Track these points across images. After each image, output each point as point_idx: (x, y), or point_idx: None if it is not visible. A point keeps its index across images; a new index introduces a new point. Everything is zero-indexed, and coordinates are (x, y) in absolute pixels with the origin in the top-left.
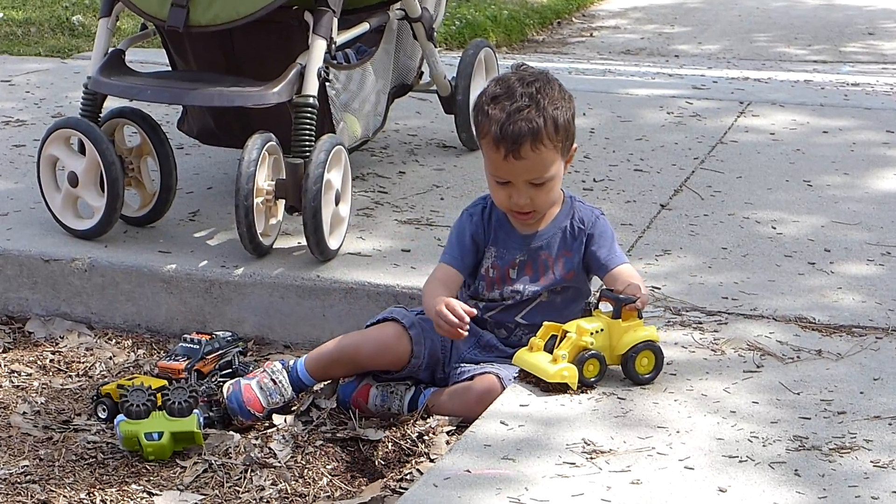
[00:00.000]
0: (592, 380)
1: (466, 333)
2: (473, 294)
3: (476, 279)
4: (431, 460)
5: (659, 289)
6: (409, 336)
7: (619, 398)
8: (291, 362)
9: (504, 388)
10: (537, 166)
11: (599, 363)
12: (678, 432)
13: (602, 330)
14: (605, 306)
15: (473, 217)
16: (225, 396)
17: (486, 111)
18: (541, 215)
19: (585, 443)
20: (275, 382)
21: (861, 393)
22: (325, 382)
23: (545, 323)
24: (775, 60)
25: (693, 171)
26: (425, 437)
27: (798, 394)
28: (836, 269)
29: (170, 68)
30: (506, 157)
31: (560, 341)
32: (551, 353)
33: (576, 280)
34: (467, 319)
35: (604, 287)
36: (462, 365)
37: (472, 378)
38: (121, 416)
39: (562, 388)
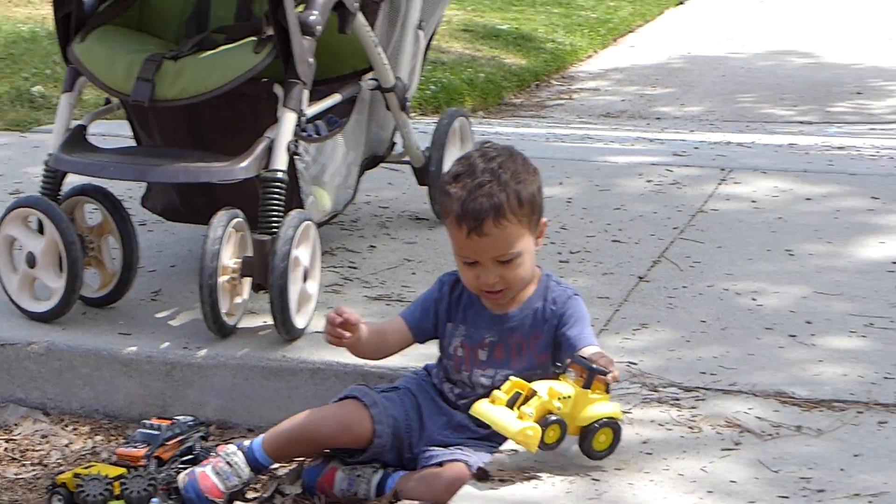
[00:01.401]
0: (552, 445)
1: (347, 338)
2: (446, 376)
3: (445, 358)
4: None
5: (636, 364)
6: (371, 415)
7: (592, 479)
8: (247, 443)
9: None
10: (502, 243)
11: (561, 430)
12: None
13: (570, 397)
14: (573, 374)
15: (444, 287)
16: (181, 487)
17: (448, 191)
18: (514, 294)
19: None
20: (230, 465)
21: (841, 470)
22: (290, 467)
23: (511, 378)
24: (760, 122)
25: (672, 242)
26: None
27: (777, 472)
28: (818, 342)
29: (134, 143)
30: (468, 235)
31: (525, 399)
32: (512, 408)
33: (549, 364)
34: (347, 330)
35: (576, 353)
36: (431, 449)
37: (440, 464)
38: None
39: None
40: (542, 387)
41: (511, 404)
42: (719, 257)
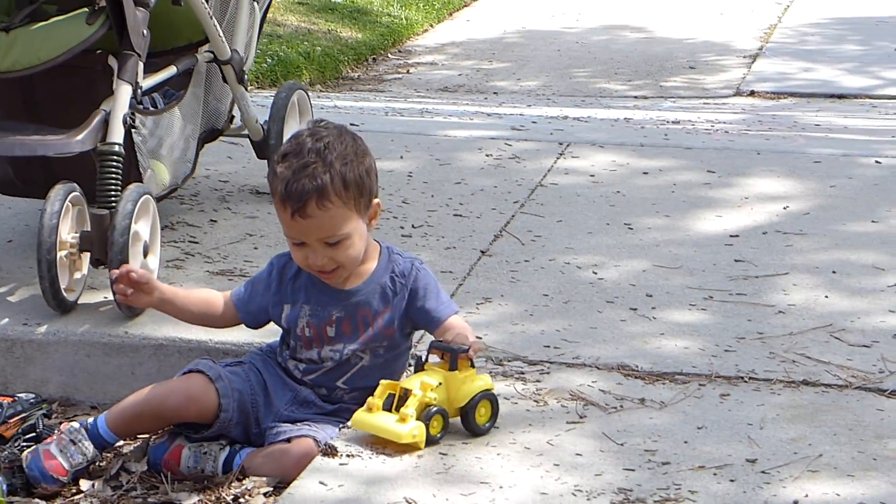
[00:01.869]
0: (437, 436)
1: (131, 294)
2: (292, 355)
3: (292, 339)
4: None
5: (480, 338)
6: (216, 388)
7: (441, 454)
8: (91, 420)
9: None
10: (327, 225)
11: (443, 418)
12: (501, 487)
13: (441, 384)
14: (435, 358)
15: (273, 270)
16: (25, 465)
17: (275, 170)
18: (348, 273)
19: (407, 501)
20: (74, 443)
21: (685, 442)
22: (135, 444)
23: (381, 381)
24: (595, 97)
25: (513, 216)
26: (241, 500)
27: (622, 444)
28: (659, 315)
29: None
30: (293, 217)
31: (400, 399)
32: (390, 411)
33: (396, 337)
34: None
35: (433, 340)
36: (279, 425)
37: (288, 440)
38: None
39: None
40: (413, 383)
41: (388, 408)
42: (560, 231)
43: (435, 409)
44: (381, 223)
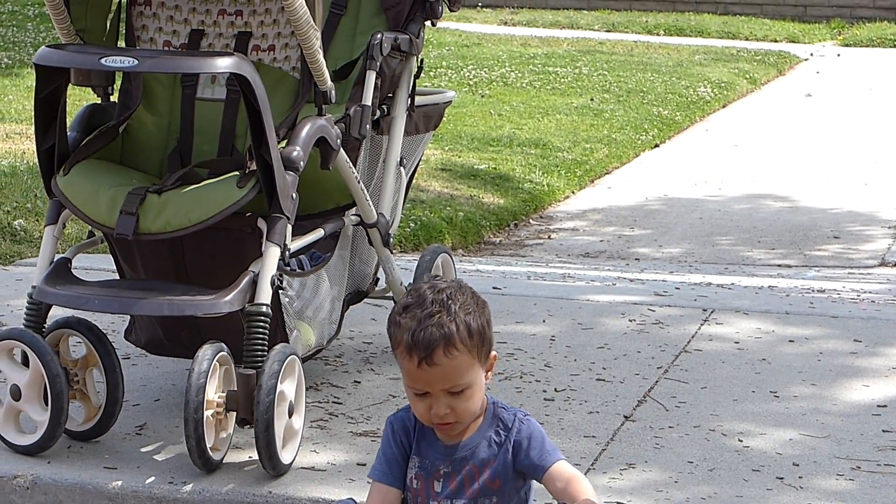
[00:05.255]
0: None
1: None
2: None
3: (405, 492)
4: None
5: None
6: None
7: None
8: None
9: None
10: (452, 373)
11: None
12: None
13: None
14: None
15: (394, 425)
16: None
17: (398, 321)
18: (464, 427)
19: None
20: None
21: None
22: None
23: None
24: (738, 264)
25: (657, 381)
26: None
27: None
28: (805, 485)
29: (117, 276)
30: (419, 365)
31: None
32: None
33: (505, 491)
34: None
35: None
36: None
37: None
38: None
39: None
40: None
41: None
42: (704, 398)
43: None
44: (523, 387)
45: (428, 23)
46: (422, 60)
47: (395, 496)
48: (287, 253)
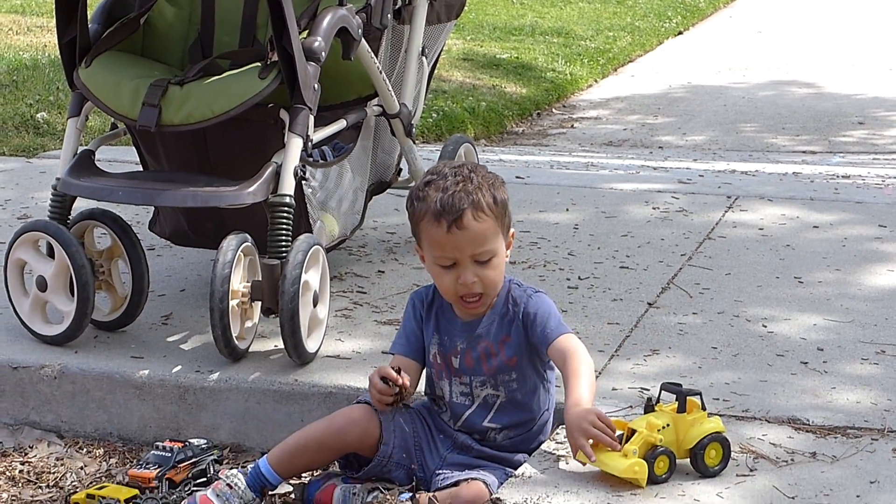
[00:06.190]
0: (662, 476)
1: (389, 404)
2: (434, 400)
3: (427, 366)
4: None
5: (647, 390)
6: (379, 420)
7: (607, 502)
8: (251, 465)
9: (492, 496)
10: (480, 237)
11: (669, 459)
12: None
13: (669, 425)
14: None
15: (416, 307)
16: None
17: (420, 195)
18: (490, 300)
19: None
20: (231, 487)
21: (857, 497)
22: (294, 482)
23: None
24: (762, 151)
25: (681, 268)
26: None
27: (793, 498)
28: (830, 369)
29: (140, 168)
30: (449, 229)
31: (627, 438)
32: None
33: (523, 368)
34: (393, 388)
35: (665, 382)
36: (444, 471)
37: (456, 484)
38: None
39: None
40: (640, 423)
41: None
42: (728, 284)
43: (661, 449)
44: (547, 275)
45: None
46: None
47: (413, 367)
48: (310, 144)
